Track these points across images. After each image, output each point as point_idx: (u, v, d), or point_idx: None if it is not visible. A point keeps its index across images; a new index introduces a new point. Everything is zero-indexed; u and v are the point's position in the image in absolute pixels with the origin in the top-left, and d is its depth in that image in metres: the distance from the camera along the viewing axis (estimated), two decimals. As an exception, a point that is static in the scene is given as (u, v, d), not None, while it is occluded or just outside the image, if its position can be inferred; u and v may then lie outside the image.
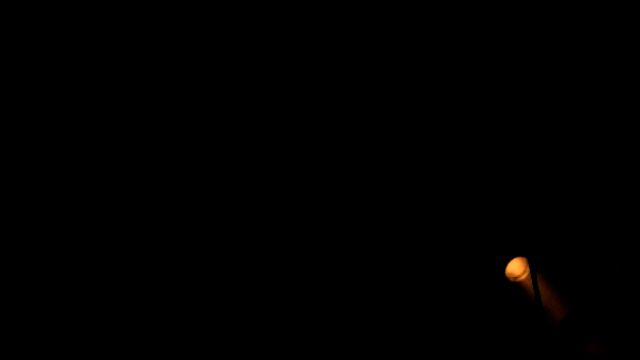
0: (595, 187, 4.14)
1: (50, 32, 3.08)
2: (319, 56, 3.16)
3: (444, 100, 3.58)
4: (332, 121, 3.26)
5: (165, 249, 3.51)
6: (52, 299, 3.38)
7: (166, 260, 3.51)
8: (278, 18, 3.09)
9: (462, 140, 3.73)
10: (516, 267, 4.91)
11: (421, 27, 2.84)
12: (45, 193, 3.30)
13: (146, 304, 3.58)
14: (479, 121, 3.75)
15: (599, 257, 4.03)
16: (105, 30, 3.15)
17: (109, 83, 3.24)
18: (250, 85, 3.06)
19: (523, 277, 4.89)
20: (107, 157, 3.36)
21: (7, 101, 3.14)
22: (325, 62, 3.30)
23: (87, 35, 3.12)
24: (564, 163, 4.11)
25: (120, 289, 3.55)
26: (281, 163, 3.44)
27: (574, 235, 4.31)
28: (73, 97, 3.20)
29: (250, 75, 3.13)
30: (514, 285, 4.91)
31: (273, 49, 3.17)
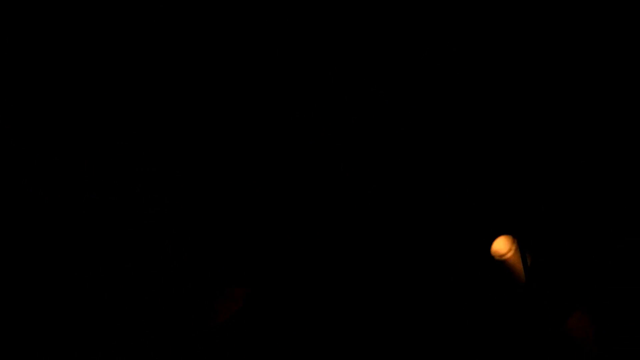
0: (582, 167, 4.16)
1: (51, 32, 3.09)
2: (317, 56, 3.15)
3: (439, 98, 3.59)
4: (331, 121, 3.26)
5: (163, 249, 3.51)
6: (51, 298, 3.38)
7: (164, 259, 3.51)
8: (276, 18, 3.09)
9: (453, 126, 3.74)
10: (502, 245, 4.91)
11: (419, 28, 2.84)
12: (44, 193, 3.30)
13: (145, 303, 3.58)
14: (470, 113, 3.77)
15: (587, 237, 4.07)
16: (105, 30, 3.15)
17: (107, 83, 3.24)
18: (248, 86, 3.06)
19: (509, 255, 4.89)
20: (106, 157, 3.35)
21: (7, 101, 3.15)
22: (324, 62, 3.29)
23: (87, 35, 3.12)
24: (551, 146, 4.13)
25: (119, 288, 3.55)
26: (281, 163, 3.44)
27: (562, 215, 4.33)
28: (71, 97, 3.20)
29: (248, 76, 3.13)
30: (500, 263, 4.92)
31: (271, 49, 3.17)
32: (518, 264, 4.55)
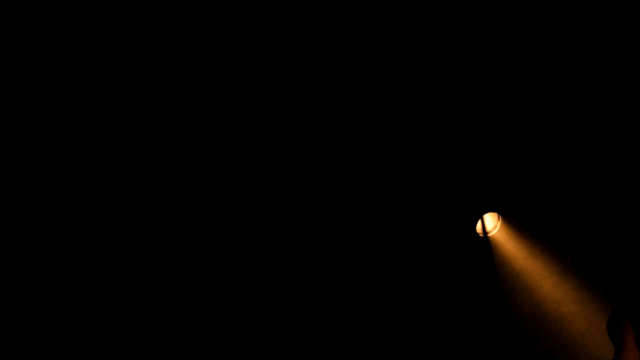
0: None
1: (51, 32, 3.09)
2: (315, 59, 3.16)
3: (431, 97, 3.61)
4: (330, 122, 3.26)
5: (165, 249, 3.51)
6: (52, 298, 3.38)
7: (166, 260, 3.51)
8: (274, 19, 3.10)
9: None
10: (488, 223, 4.91)
11: (411, 33, 2.84)
12: (44, 193, 3.30)
13: (146, 304, 3.58)
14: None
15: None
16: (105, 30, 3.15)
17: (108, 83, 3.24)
18: (246, 87, 3.06)
19: (494, 232, 4.90)
20: (106, 157, 3.36)
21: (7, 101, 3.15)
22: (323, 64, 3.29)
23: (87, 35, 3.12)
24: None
25: (120, 288, 3.55)
26: (280, 163, 3.44)
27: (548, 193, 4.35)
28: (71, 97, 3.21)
29: (247, 76, 3.13)
30: (485, 240, 4.91)
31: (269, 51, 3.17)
32: (503, 241, 4.54)
